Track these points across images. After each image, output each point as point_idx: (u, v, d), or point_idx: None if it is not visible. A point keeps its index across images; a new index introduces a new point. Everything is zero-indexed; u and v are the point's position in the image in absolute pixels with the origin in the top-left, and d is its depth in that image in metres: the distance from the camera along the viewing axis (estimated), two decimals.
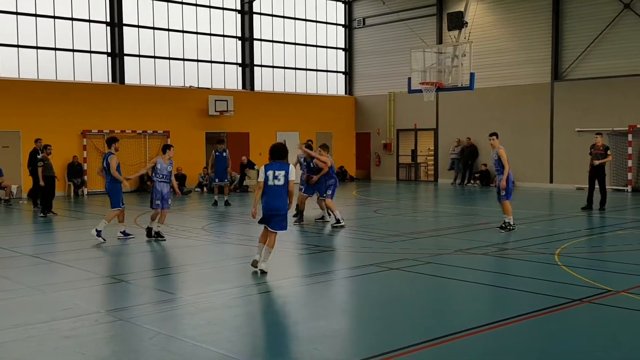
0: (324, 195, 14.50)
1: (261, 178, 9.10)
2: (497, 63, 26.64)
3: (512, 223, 13.21)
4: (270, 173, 9.05)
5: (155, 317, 7.14)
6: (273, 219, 9.15)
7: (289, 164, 9.24)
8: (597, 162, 16.85)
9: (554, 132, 25.36)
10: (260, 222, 9.33)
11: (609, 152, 17.07)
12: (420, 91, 22.12)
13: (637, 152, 23.12)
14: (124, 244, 12.29)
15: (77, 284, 8.91)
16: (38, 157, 17.15)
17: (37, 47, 23.70)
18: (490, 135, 13.75)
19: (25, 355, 5.98)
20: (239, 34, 28.88)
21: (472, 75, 21.20)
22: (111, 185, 12.58)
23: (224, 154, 19.06)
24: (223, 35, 28.36)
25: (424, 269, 9.73)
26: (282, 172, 9.05)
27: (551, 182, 25.42)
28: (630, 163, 23.07)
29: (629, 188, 22.95)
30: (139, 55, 26.03)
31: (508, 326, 6.70)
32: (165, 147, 12.82)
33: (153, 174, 12.52)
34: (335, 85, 32.40)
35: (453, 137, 28.14)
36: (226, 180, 19.34)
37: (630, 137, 23.01)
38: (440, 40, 27.92)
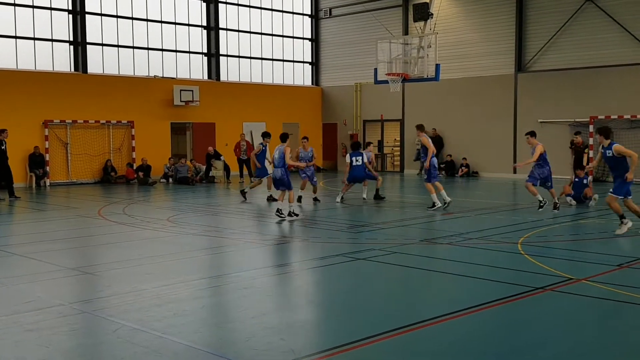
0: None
1: (348, 160, 16.67)
2: (462, 54, 26.86)
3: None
4: (353, 158, 16.52)
5: (120, 309, 7.06)
6: (362, 181, 16.94)
7: (363, 152, 16.89)
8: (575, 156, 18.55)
9: (517, 123, 25.67)
10: (353, 182, 16.97)
11: (585, 150, 18.79)
12: (386, 82, 22.19)
13: (598, 142, 23.54)
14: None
15: (40, 277, 8.77)
16: None
17: None
18: (526, 134, 15.43)
19: None
20: (204, 23, 28.60)
21: (437, 66, 21.35)
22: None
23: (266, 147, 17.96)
24: (188, 25, 28.06)
25: (390, 259, 9.80)
26: (360, 157, 16.53)
27: (514, 172, 25.72)
28: (591, 153, 23.45)
29: (590, 178, 23.28)
30: (102, 44, 25.62)
31: (472, 315, 6.79)
32: (285, 136, 14.39)
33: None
34: (302, 76, 32.32)
35: None
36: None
37: (591, 128, 23.42)
38: (406, 32, 28.04)
